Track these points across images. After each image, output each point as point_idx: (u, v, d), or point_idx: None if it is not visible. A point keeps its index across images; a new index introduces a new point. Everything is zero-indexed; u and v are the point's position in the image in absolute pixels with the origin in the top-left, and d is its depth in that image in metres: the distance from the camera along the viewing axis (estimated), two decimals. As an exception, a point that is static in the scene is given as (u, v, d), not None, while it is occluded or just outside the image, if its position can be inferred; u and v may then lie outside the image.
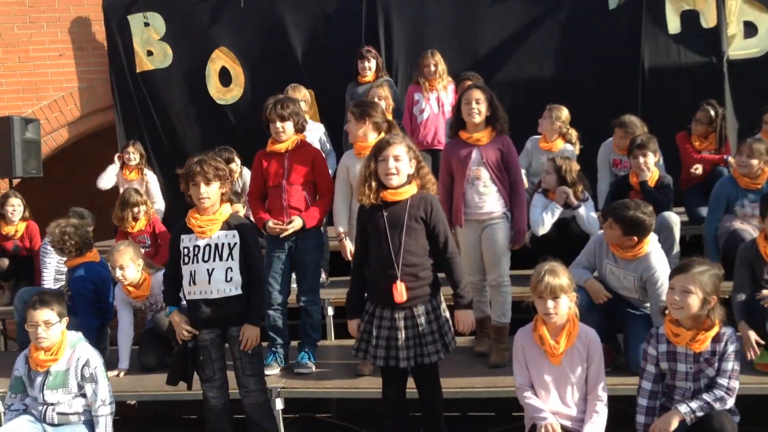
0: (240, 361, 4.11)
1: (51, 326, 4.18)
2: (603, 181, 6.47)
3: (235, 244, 4.04)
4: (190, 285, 4.06)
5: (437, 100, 6.95)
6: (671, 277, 3.65)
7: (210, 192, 4.00)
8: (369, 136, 4.79)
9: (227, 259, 4.02)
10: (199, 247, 4.04)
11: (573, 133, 6.42)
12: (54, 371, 4.19)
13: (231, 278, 4.02)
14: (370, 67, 7.25)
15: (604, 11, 8.00)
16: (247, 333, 4.06)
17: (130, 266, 5.15)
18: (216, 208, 4.07)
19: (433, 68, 6.92)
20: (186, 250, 4.06)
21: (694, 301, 3.48)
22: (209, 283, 4.01)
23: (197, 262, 4.03)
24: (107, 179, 7.77)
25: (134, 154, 7.75)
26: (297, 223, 4.77)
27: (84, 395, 4.23)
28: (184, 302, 4.21)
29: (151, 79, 9.04)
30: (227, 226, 4.07)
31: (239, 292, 4.05)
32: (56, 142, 9.49)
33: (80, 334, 4.41)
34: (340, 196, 4.94)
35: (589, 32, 8.02)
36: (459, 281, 3.84)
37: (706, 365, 3.53)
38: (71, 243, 5.46)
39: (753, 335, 4.22)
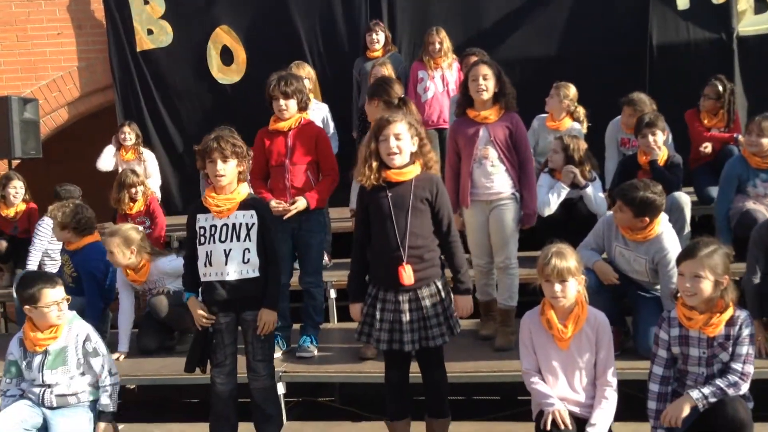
0: (252, 346, 4.01)
1: (66, 302, 4.13)
2: (611, 160, 6.34)
3: (253, 224, 3.92)
4: (205, 266, 3.93)
5: (442, 79, 6.84)
6: (678, 262, 3.53)
7: (227, 169, 3.88)
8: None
9: (245, 240, 3.90)
10: (216, 227, 3.92)
11: (581, 111, 6.29)
12: (52, 350, 4.10)
13: (248, 260, 3.90)
14: (378, 40, 7.14)
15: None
16: (265, 317, 3.94)
17: (115, 252, 5.08)
18: (233, 187, 3.95)
19: (438, 46, 6.80)
20: (202, 230, 3.94)
21: (707, 286, 3.37)
22: (226, 264, 3.89)
23: (214, 242, 3.91)
24: (105, 160, 7.71)
25: (130, 134, 7.67)
26: (301, 204, 4.66)
27: (82, 374, 4.16)
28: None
29: (151, 59, 8.93)
30: (245, 205, 3.95)
31: (257, 274, 3.93)
32: (56, 122, 9.40)
33: (74, 312, 4.31)
34: None
35: (596, 8, 7.90)
36: (460, 266, 3.75)
37: (720, 349, 3.43)
38: (84, 221, 5.41)
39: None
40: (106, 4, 8.92)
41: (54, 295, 4.04)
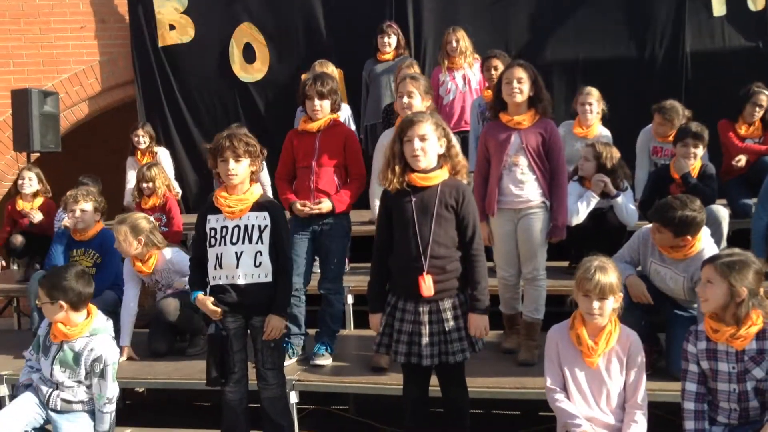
0: (261, 353, 3.87)
1: None
2: (641, 169, 6.16)
3: (266, 226, 3.79)
4: (216, 269, 3.81)
5: (463, 78, 6.68)
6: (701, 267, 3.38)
7: (239, 169, 3.76)
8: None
9: (257, 243, 3.77)
10: (227, 228, 3.79)
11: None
12: (68, 348, 4.00)
13: (260, 263, 3.77)
14: (389, 43, 6.96)
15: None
16: (273, 323, 3.80)
17: (122, 240, 5.02)
18: (245, 187, 3.83)
19: (455, 44, 6.64)
20: (213, 231, 3.82)
21: (716, 293, 3.22)
22: (237, 267, 3.76)
23: (225, 244, 3.78)
24: (130, 173, 7.54)
25: (144, 137, 7.51)
26: (326, 205, 4.51)
27: (89, 386, 4.04)
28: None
29: (173, 54, 8.84)
30: (258, 206, 3.82)
31: (268, 279, 3.80)
32: (76, 116, 9.33)
33: (109, 324, 4.17)
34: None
35: (630, 13, 7.71)
36: (478, 282, 3.53)
37: (752, 364, 3.23)
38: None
39: None
40: (130, -1, 8.86)
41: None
